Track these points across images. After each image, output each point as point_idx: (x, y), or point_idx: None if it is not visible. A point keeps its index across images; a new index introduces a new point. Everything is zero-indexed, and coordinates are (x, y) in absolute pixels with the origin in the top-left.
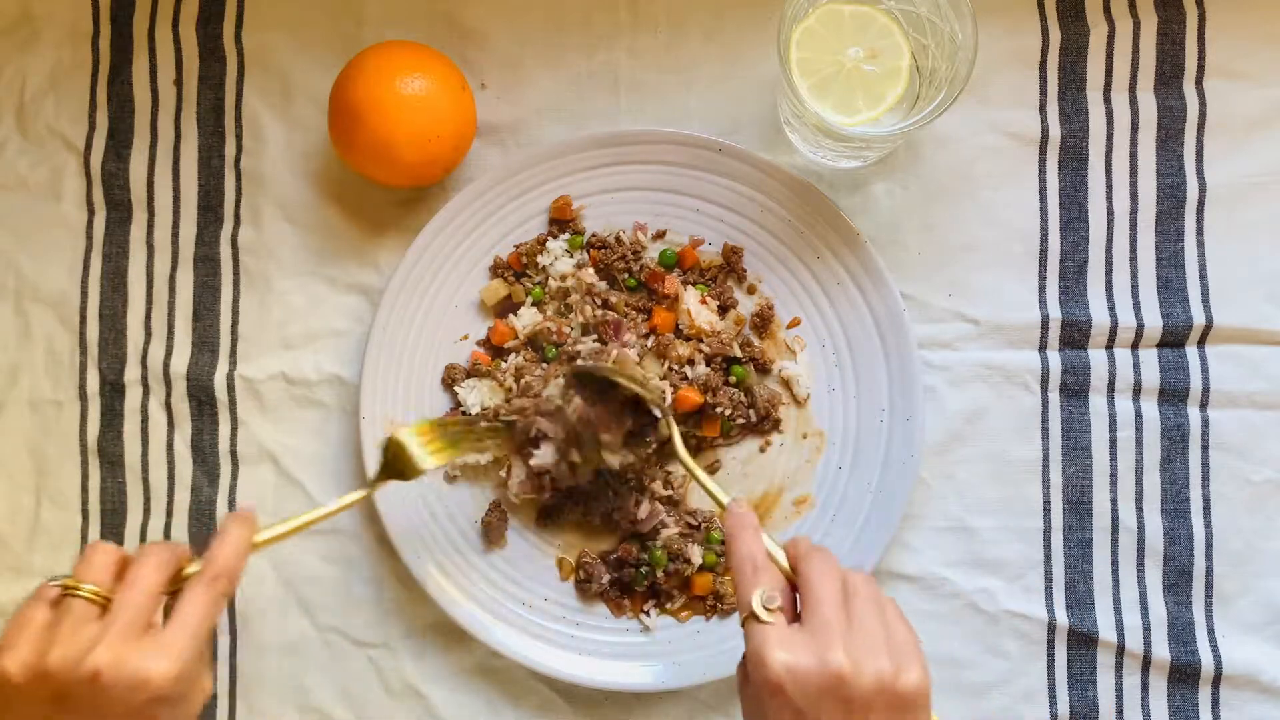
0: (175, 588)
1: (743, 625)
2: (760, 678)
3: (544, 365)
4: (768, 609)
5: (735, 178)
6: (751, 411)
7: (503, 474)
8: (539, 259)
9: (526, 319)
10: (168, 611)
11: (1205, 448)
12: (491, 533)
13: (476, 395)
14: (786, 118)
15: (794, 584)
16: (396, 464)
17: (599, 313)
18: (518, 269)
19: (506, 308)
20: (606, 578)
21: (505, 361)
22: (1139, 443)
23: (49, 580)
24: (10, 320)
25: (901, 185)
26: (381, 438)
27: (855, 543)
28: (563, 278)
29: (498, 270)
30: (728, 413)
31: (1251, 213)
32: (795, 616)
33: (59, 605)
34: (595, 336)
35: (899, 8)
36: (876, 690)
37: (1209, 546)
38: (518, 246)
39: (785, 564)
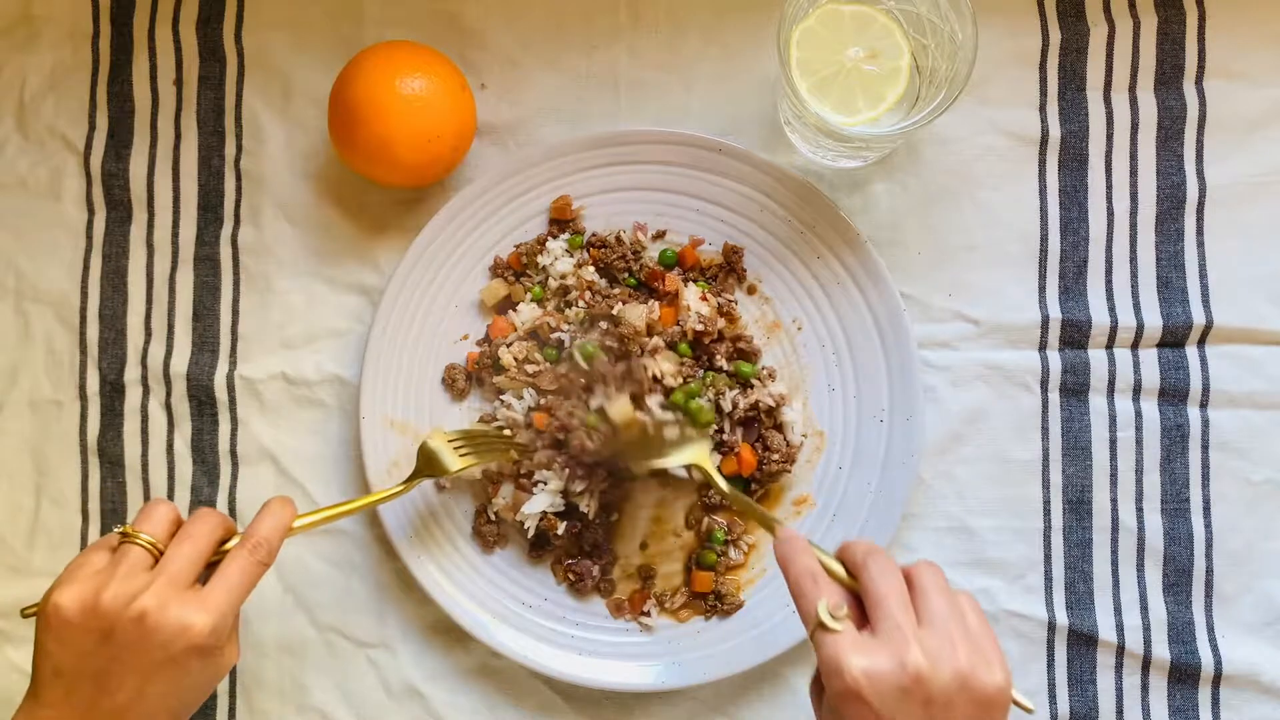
0: (219, 556)
1: (812, 640)
2: (838, 687)
3: (549, 365)
4: (835, 617)
5: (735, 178)
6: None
7: (489, 490)
8: (539, 259)
9: (526, 315)
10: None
11: (1205, 448)
12: (483, 541)
13: (523, 405)
14: (786, 118)
15: (855, 592)
16: (429, 466)
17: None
18: (517, 269)
19: (506, 308)
20: (596, 570)
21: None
22: (1139, 443)
23: (116, 528)
24: (10, 320)
25: (901, 185)
26: (421, 439)
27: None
28: (562, 276)
29: (498, 270)
30: (776, 459)
31: (1251, 213)
32: (863, 624)
33: (117, 551)
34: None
35: (899, 8)
36: (957, 688)
37: (1209, 546)
38: (518, 246)
39: (844, 575)
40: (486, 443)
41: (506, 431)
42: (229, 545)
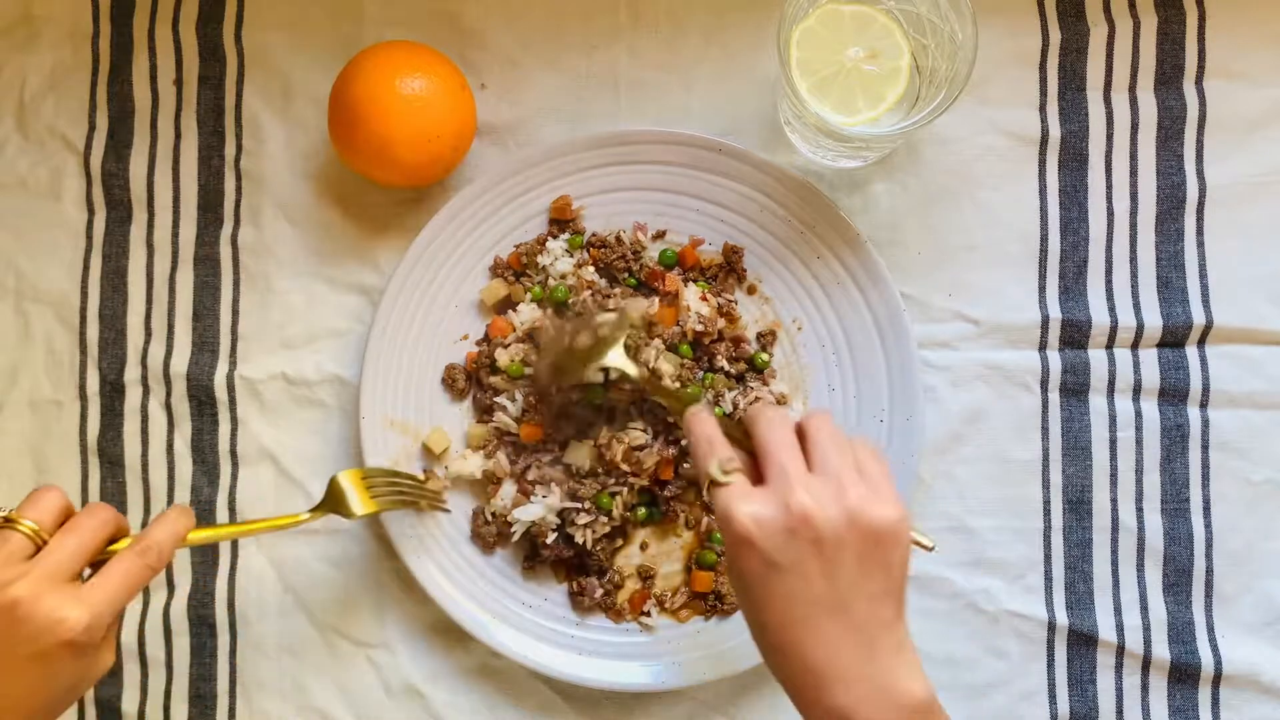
0: (107, 556)
1: (708, 499)
2: (730, 536)
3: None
4: (725, 471)
5: (735, 178)
6: None
7: (489, 490)
8: (539, 259)
9: (525, 315)
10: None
11: (1205, 448)
12: (482, 542)
13: (516, 408)
14: (786, 118)
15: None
16: (334, 503)
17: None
18: (517, 269)
19: (506, 307)
20: (599, 591)
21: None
22: (1139, 443)
23: None
24: (10, 320)
25: (901, 185)
26: (332, 475)
27: None
28: (563, 276)
29: (497, 270)
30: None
31: (1251, 213)
32: (758, 481)
33: None
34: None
35: (899, 8)
36: (847, 525)
37: (1209, 546)
38: (518, 246)
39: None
40: (401, 489)
41: (423, 478)
42: (119, 545)
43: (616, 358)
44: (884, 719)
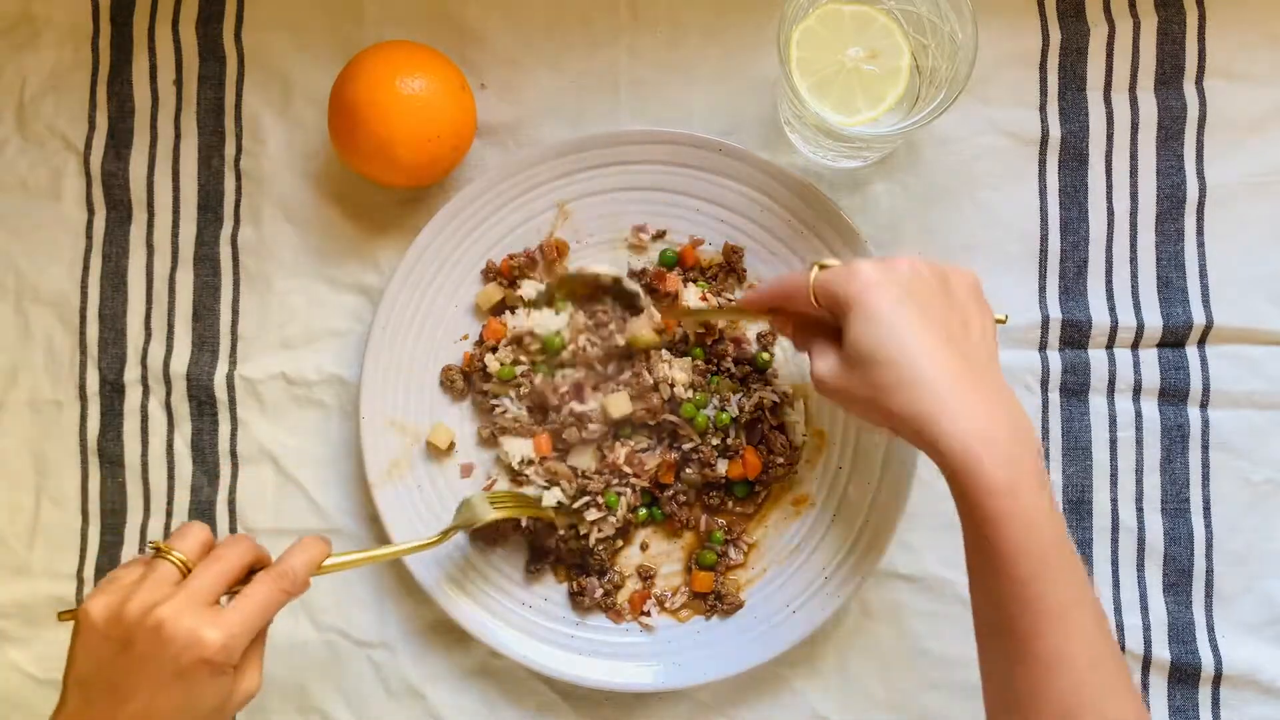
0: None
1: (815, 293)
2: (858, 286)
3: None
4: (821, 266)
5: (735, 178)
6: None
7: (485, 484)
8: (531, 330)
9: (521, 320)
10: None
11: (1205, 448)
12: (482, 541)
13: (519, 449)
14: (787, 118)
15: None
16: (464, 516)
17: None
18: (508, 276)
19: (502, 309)
20: (599, 591)
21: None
22: (1139, 443)
23: (150, 543)
24: (10, 320)
25: (901, 185)
26: (462, 498)
27: (855, 543)
28: (556, 333)
29: (490, 275)
30: (780, 462)
31: (1251, 213)
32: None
33: (150, 565)
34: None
35: (899, 8)
36: (951, 270)
37: (1209, 546)
38: (510, 257)
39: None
40: (520, 502)
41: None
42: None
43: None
44: (1013, 442)
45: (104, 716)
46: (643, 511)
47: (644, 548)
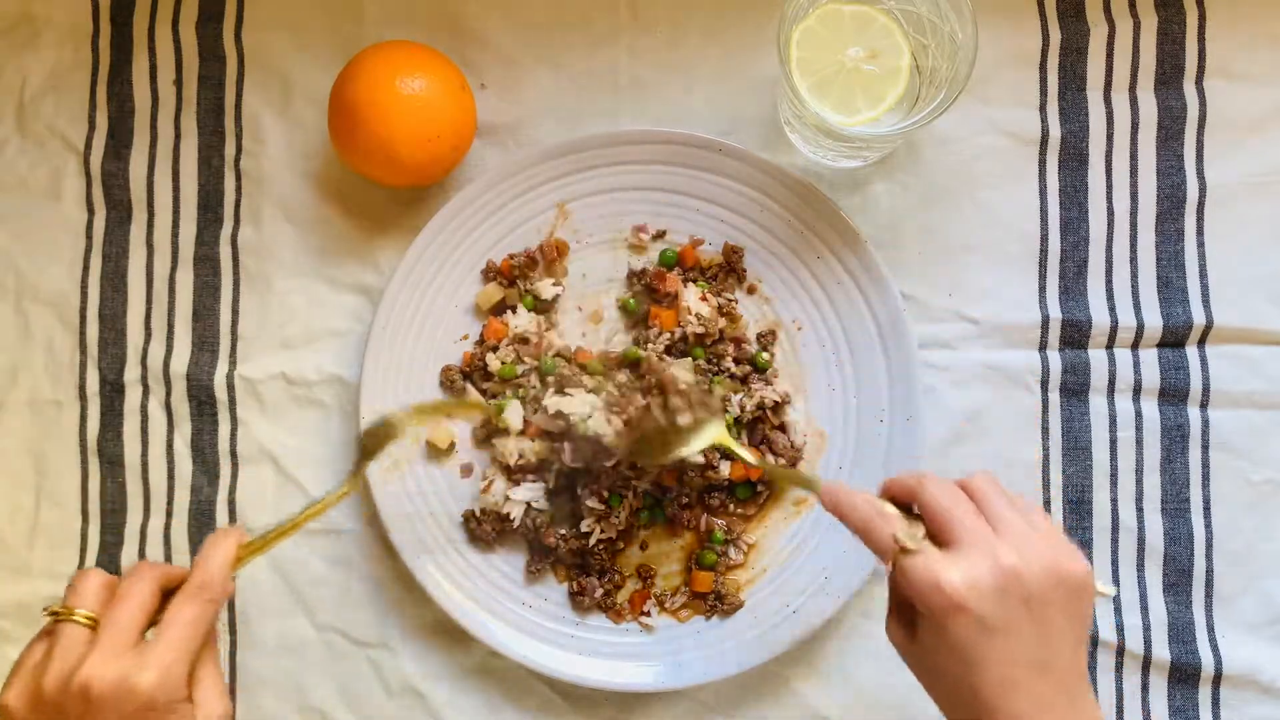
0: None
1: (894, 571)
2: (939, 604)
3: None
4: (914, 539)
5: (735, 178)
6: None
7: (481, 485)
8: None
9: (522, 320)
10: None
11: (1205, 448)
12: (480, 542)
13: (515, 447)
14: (787, 118)
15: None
16: (372, 445)
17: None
18: (508, 276)
19: (503, 309)
20: (599, 591)
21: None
22: (1139, 443)
23: (43, 611)
24: (10, 320)
25: (901, 185)
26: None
27: (856, 543)
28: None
29: (490, 275)
30: (781, 462)
31: (1251, 213)
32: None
33: (53, 634)
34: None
35: (899, 8)
36: (1051, 579)
37: (1209, 546)
38: (510, 257)
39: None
40: (441, 407)
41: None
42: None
43: (696, 446)
44: None
45: None
46: (644, 514)
47: (644, 547)
